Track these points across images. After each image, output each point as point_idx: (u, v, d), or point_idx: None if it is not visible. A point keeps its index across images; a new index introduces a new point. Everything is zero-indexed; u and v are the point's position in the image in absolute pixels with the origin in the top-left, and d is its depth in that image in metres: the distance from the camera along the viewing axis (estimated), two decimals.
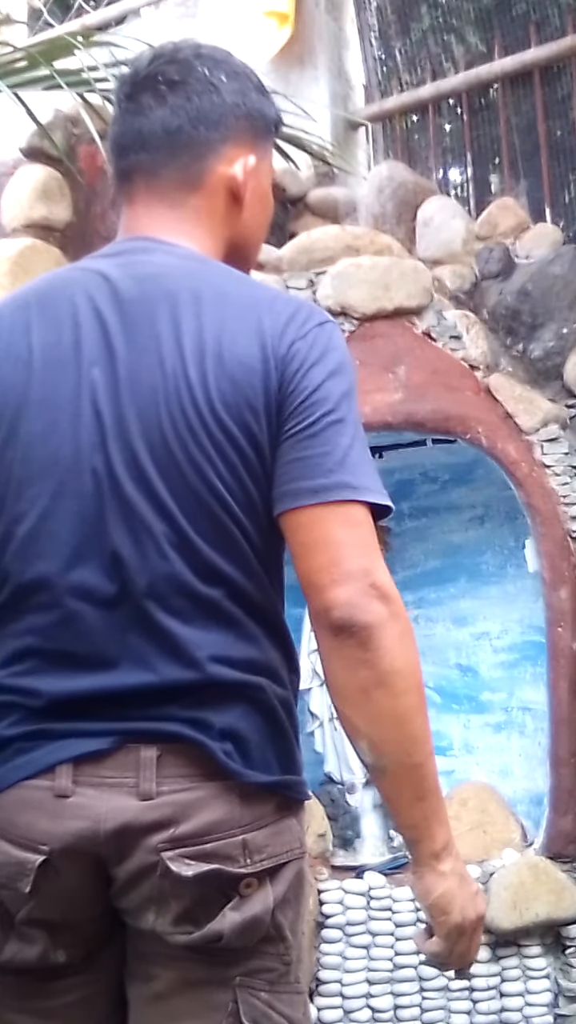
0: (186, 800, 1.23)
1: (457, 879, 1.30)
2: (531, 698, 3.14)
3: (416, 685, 1.25)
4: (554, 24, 3.82)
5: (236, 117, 1.42)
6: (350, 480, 1.25)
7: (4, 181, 2.88)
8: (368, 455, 1.30)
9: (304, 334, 1.29)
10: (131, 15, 4.31)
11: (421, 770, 1.27)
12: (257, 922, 1.25)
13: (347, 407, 1.29)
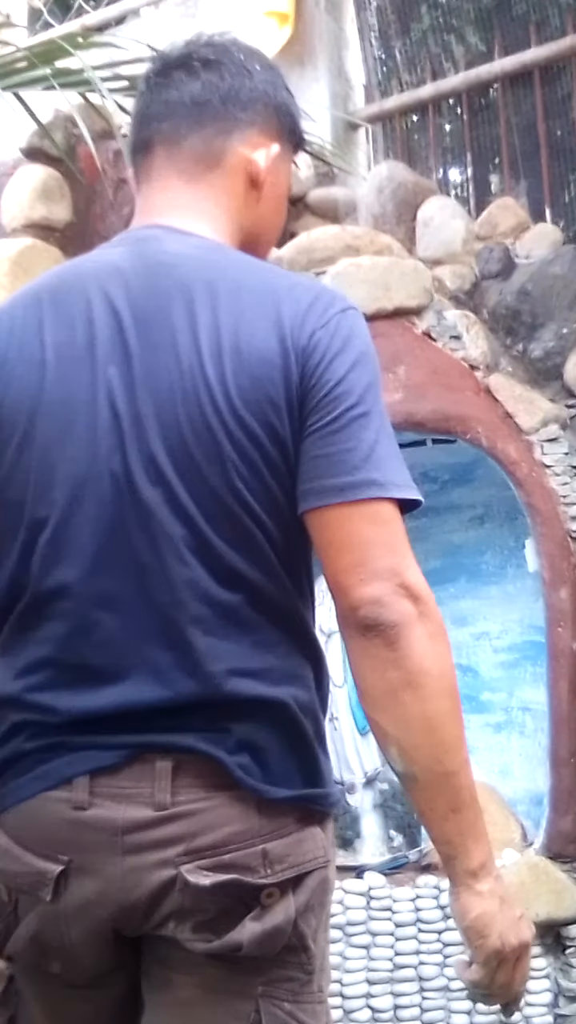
0: (202, 810, 1.21)
1: (497, 901, 1.23)
2: (531, 698, 3.14)
3: (448, 689, 1.20)
4: (554, 24, 3.82)
5: (266, 105, 1.41)
6: (376, 477, 1.22)
7: (4, 181, 2.88)
8: (395, 447, 1.26)
9: (326, 322, 1.25)
10: (131, 15, 4.31)
11: (454, 780, 1.21)
12: (278, 932, 1.23)
13: (372, 398, 1.25)
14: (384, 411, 1.27)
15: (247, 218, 1.40)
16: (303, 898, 1.24)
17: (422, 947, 2.71)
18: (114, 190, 2.92)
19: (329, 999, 1.31)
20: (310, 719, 1.28)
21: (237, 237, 1.39)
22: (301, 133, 1.49)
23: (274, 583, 1.25)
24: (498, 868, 1.25)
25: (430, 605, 1.20)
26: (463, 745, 1.22)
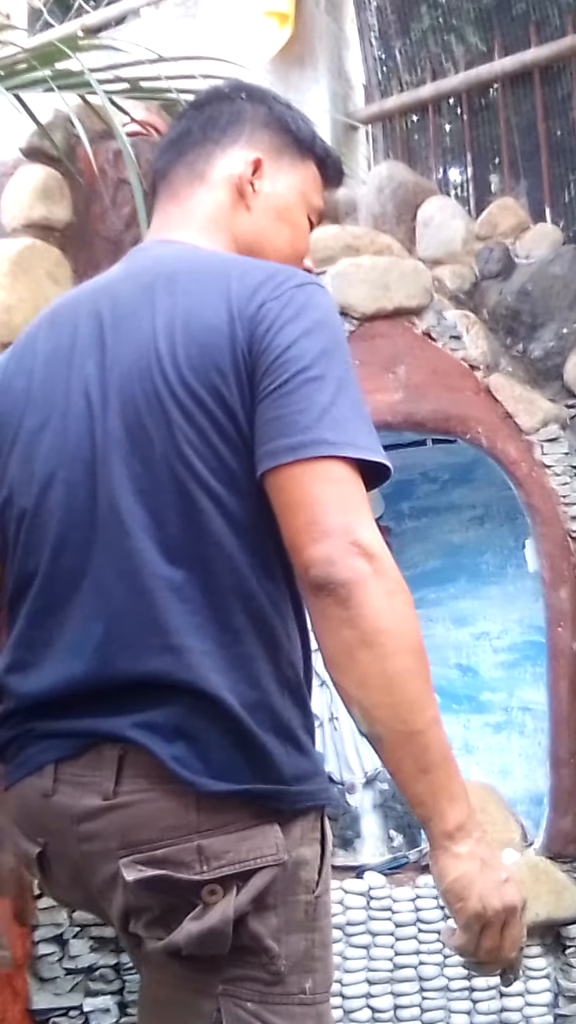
0: (141, 802, 1.21)
1: (477, 863, 1.18)
2: (531, 698, 3.13)
3: (408, 646, 1.16)
4: (554, 24, 3.82)
5: (250, 122, 1.49)
6: (329, 436, 1.20)
7: (4, 181, 2.87)
8: (359, 413, 1.24)
9: (278, 295, 1.26)
10: (131, 15, 4.31)
11: (420, 739, 1.17)
12: (215, 934, 1.19)
13: (326, 364, 1.23)
14: (347, 379, 1.25)
15: (239, 227, 1.45)
16: (246, 897, 1.20)
17: (422, 947, 2.71)
18: (114, 190, 2.92)
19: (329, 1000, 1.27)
20: (261, 713, 1.23)
21: (232, 246, 1.44)
22: (310, 140, 1.53)
23: (227, 561, 1.23)
24: (481, 829, 1.20)
25: (384, 562, 1.17)
26: (429, 703, 1.18)
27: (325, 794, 1.33)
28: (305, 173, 1.52)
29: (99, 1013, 2.56)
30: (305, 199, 1.51)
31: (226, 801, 1.20)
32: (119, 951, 2.58)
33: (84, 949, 2.56)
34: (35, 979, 2.54)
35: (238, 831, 1.20)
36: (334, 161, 1.56)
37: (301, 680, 1.31)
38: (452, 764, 1.20)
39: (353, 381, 1.25)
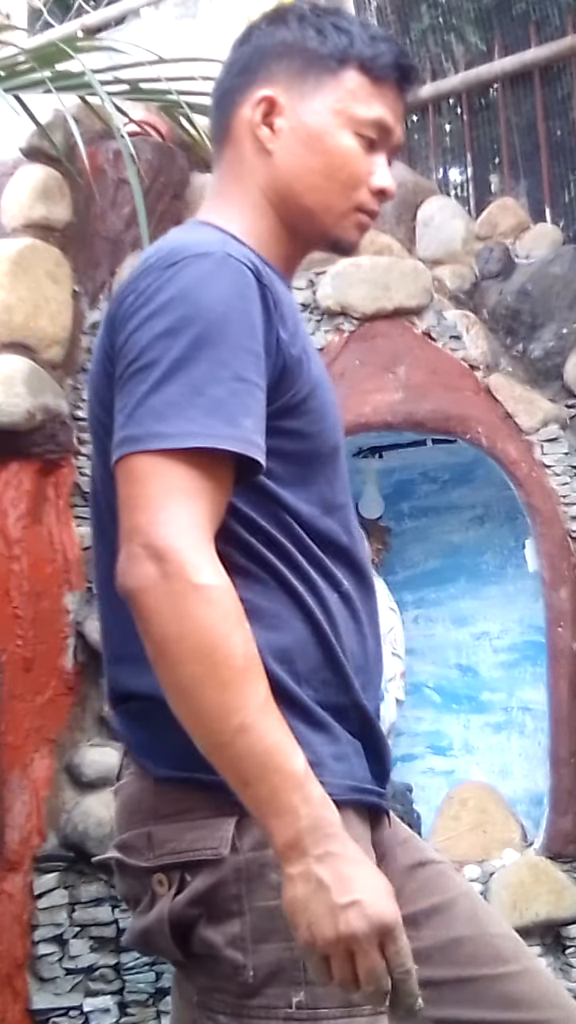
0: (124, 787, 1.25)
1: (311, 885, 1.02)
2: (531, 698, 3.13)
3: (196, 653, 1.04)
4: (554, 24, 3.82)
5: (263, 57, 1.31)
6: (133, 432, 1.09)
7: (4, 181, 2.88)
8: (192, 392, 1.10)
9: (136, 287, 1.16)
10: (131, 15, 4.30)
11: (229, 751, 1.04)
12: (151, 933, 1.14)
13: (160, 348, 1.11)
14: (190, 358, 1.10)
15: (262, 178, 1.29)
16: (184, 899, 1.13)
17: None
18: (114, 190, 2.92)
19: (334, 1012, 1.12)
20: None
21: (260, 202, 1.30)
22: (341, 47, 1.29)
23: None
24: (335, 841, 1.04)
25: (175, 562, 1.05)
26: (230, 711, 1.03)
27: (333, 789, 1.17)
28: (339, 87, 1.28)
29: (99, 1013, 2.56)
30: (346, 116, 1.28)
31: (182, 789, 1.15)
32: (119, 951, 2.58)
33: (84, 949, 2.57)
34: (35, 979, 2.54)
35: (189, 821, 1.15)
36: (383, 55, 1.29)
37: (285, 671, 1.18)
38: (278, 773, 1.03)
39: (204, 357, 1.10)
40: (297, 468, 1.21)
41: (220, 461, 1.10)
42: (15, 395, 2.57)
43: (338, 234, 1.31)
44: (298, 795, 1.03)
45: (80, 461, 2.79)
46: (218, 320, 1.12)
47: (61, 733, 2.66)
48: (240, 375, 1.11)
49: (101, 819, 2.55)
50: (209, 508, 1.09)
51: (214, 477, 1.10)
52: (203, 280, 1.14)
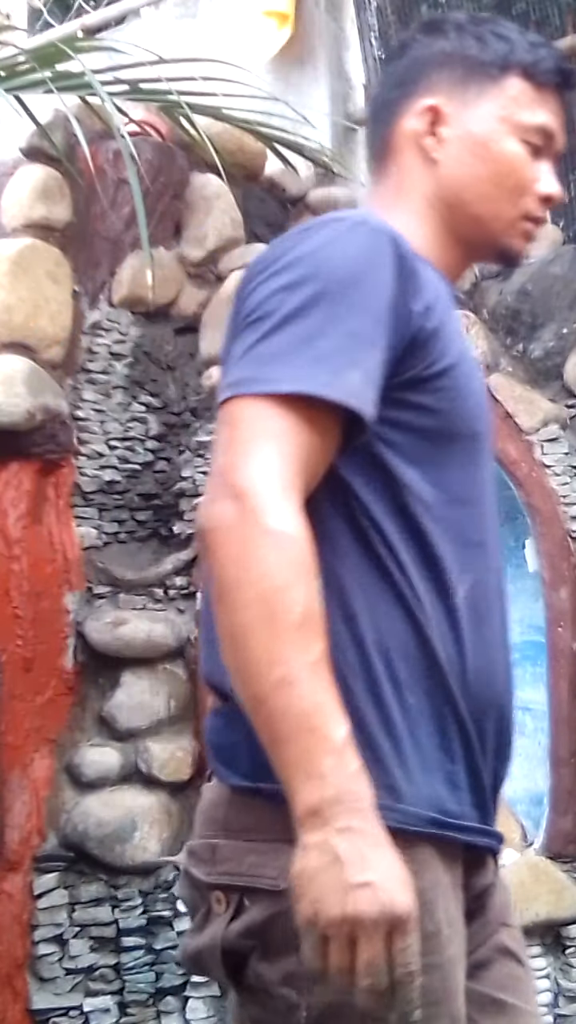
0: (205, 793, 1.21)
1: (327, 858, 0.95)
2: (531, 698, 3.13)
3: (259, 596, 0.98)
4: (554, 24, 3.82)
5: (427, 69, 1.30)
6: (233, 377, 1.08)
7: (4, 181, 2.88)
8: (302, 342, 1.06)
9: (266, 255, 1.16)
10: (131, 15, 4.30)
11: (265, 707, 0.98)
12: (203, 955, 1.10)
13: (275, 302, 1.09)
14: (306, 311, 1.07)
15: (429, 188, 1.28)
16: (238, 927, 1.07)
17: None
18: (114, 190, 2.92)
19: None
20: None
21: (426, 210, 1.28)
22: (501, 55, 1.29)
23: None
24: (359, 816, 0.97)
25: (251, 504, 1.00)
26: (275, 663, 0.98)
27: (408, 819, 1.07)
28: (502, 94, 1.27)
29: (99, 1013, 2.55)
30: (511, 123, 1.27)
31: (250, 803, 1.10)
32: (119, 951, 2.58)
33: (84, 949, 2.57)
34: (35, 979, 2.54)
35: (252, 841, 1.09)
36: (545, 60, 1.29)
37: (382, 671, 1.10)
38: (312, 735, 0.97)
39: (320, 312, 1.07)
40: (426, 446, 1.15)
41: (321, 412, 1.05)
42: (15, 395, 2.57)
43: (505, 242, 1.30)
44: (330, 761, 0.97)
45: (80, 461, 2.79)
46: (341, 279, 1.09)
47: (61, 733, 2.66)
48: (355, 332, 1.07)
49: (101, 819, 2.56)
50: (302, 457, 1.04)
51: (313, 427, 1.05)
52: (332, 241, 1.13)
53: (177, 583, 2.76)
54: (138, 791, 2.61)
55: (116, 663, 2.69)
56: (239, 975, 1.10)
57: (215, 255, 3.07)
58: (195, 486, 2.81)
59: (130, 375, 2.93)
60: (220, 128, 3.06)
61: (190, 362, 3.02)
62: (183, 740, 2.68)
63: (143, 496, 2.90)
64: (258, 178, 3.39)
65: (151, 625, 2.69)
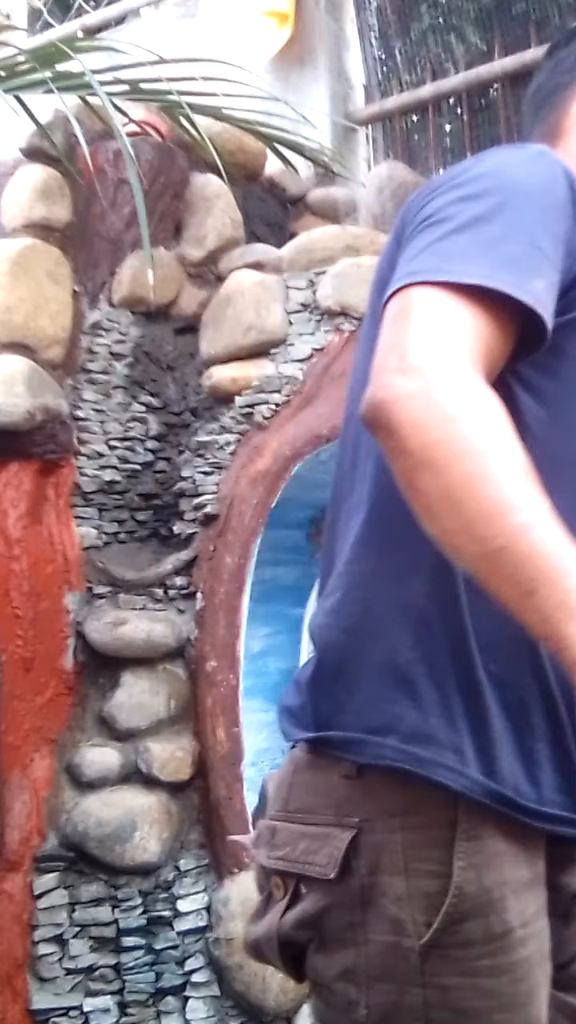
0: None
1: None
2: None
3: (474, 451, 0.90)
4: (554, 24, 3.81)
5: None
6: (411, 268, 1.00)
7: (4, 181, 2.88)
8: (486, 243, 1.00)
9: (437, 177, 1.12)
10: (131, 15, 4.31)
11: (509, 555, 0.89)
12: (260, 945, 1.07)
13: (457, 207, 1.03)
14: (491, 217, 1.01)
15: None
16: (292, 918, 1.03)
17: None
18: (114, 190, 2.92)
19: None
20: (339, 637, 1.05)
21: None
22: None
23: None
24: None
25: (432, 374, 0.92)
26: (510, 509, 0.89)
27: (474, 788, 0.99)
28: None
29: (99, 1013, 2.56)
30: None
31: (311, 772, 1.05)
32: (119, 951, 2.58)
33: (84, 949, 2.57)
34: (35, 979, 2.54)
35: (308, 825, 1.04)
36: None
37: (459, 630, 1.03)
38: (568, 574, 0.88)
39: (503, 219, 1.01)
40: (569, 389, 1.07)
41: (504, 313, 0.97)
42: (15, 395, 2.57)
43: None
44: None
45: (80, 461, 2.79)
46: (525, 193, 1.04)
47: (61, 733, 2.66)
48: (538, 244, 1.00)
49: (101, 819, 2.56)
50: (484, 346, 0.96)
51: (494, 325, 0.97)
52: (514, 163, 1.08)
53: (177, 583, 2.76)
54: (138, 791, 2.61)
55: (116, 663, 2.70)
56: (300, 968, 1.06)
57: (215, 255, 3.07)
58: (195, 486, 2.81)
59: (130, 375, 2.93)
60: (220, 128, 3.06)
61: (190, 362, 3.02)
62: (183, 740, 2.68)
63: (143, 496, 2.90)
64: (258, 178, 3.40)
65: (151, 625, 2.69)
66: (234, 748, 2.66)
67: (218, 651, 2.68)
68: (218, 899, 2.62)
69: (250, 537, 2.71)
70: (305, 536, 3.11)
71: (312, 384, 2.83)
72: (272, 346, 2.88)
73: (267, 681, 3.04)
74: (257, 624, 2.85)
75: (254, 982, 2.58)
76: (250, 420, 2.80)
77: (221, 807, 2.63)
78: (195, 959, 2.62)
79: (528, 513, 0.89)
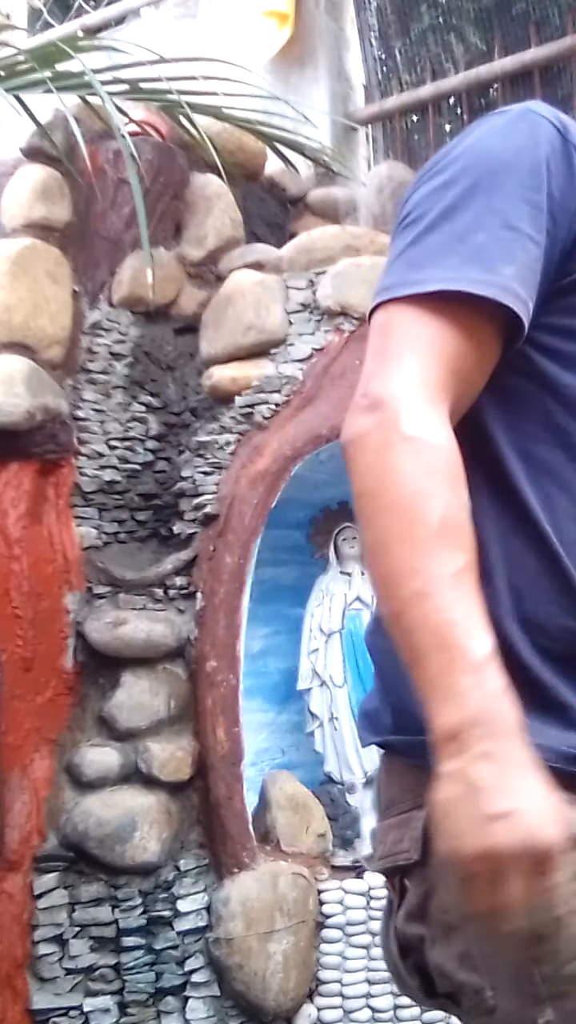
0: None
1: (463, 787, 0.83)
2: None
3: (394, 508, 0.91)
4: (554, 24, 3.81)
5: None
6: (384, 282, 1.01)
7: (4, 181, 2.88)
8: (453, 239, 0.99)
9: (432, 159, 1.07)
10: (131, 15, 4.31)
11: (402, 620, 0.90)
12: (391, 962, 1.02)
13: (429, 202, 1.02)
14: (460, 205, 1.00)
15: None
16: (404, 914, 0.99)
17: None
18: (114, 190, 2.92)
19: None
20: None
21: None
22: None
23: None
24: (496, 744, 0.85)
25: (390, 411, 0.94)
26: (413, 576, 0.89)
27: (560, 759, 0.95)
28: None
29: (99, 1013, 2.55)
30: None
31: (393, 766, 1.04)
32: (119, 951, 2.58)
33: (84, 949, 2.56)
34: (35, 979, 2.54)
35: (392, 816, 1.02)
36: None
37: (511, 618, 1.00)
38: (450, 652, 0.87)
39: (474, 205, 1.00)
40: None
41: (475, 312, 0.96)
42: (15, 395, 2.57)
43: None
44: (470, 679, 0.86)
45: (80, 461, 2.79)
46: (498, 168, 1.01)
47: (61, 733, 2.66)
48: (511, 224, 0.98)
49: (101, 819, 2.56)
50: (451, 363, 0.96)
51: (465, 329, 0.97)
52: (491, 133, 1.04)
53: (177, 583, 2.76)
54: (138, 791, 2.61)
55: (116, 663, 2.69)
56: (430, 984, 1.00)
57: (215, 255, 3.07)
58: (195, 486, 2.81)
59: (130, 375, 2.93)
60: (220, 128, 3.06)
61: (190, 362, 3.02)
62: (183, 740, 2.68)
63: (143, 496, 2.90)
64: (258, 178, 3.40)
65: (151, 625, 2.69)
66: (234, 748, 2.66)
67: (218, 651, 2.68)
68: (218, 899, 2.62)
69: (250, 537, 2.71)
70: (305, 536, 3.11)
71: (312, 384, 2.83)
72: (272, 346, 2.88)
73: (267, 681, 3.04)
74: (257, 624, 2.85)
75: (254, 982, 2.58)
76: (250, 420, 2.80)
77: (221, 807, 2.63)
78: (195, 959, 2.62)
79: (425, 579, 0.89)
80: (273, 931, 2.60)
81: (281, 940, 2.61)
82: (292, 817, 2.78)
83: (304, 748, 3.02)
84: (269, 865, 2.65)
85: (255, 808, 2.77)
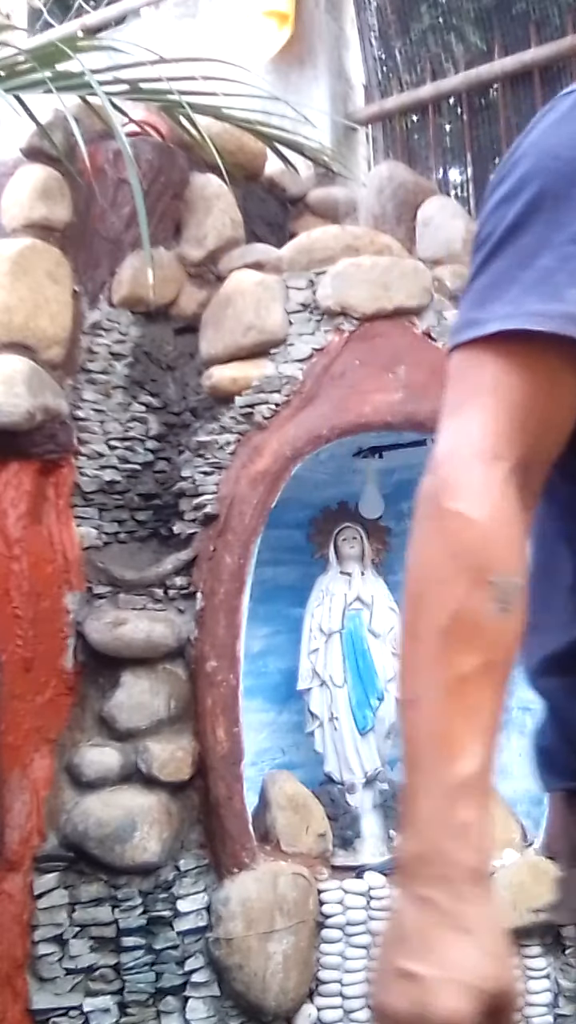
0: None
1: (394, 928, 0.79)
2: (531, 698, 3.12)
3: (412, 592, 0.86)
4: (554, 24, 3.82)
5: None
6: (455, 322, 0.95)
7: (4, 181, 2.88)
8: (516, 266, 0.90)
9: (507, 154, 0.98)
10: (131, 15, 4.31)
11: (400, 721, 0.85)
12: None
13: (495, 219, 0.93)
14: (516, 229, 0.91)
15: None
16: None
17: None
18: (114, 190, 2.92)
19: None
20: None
21: None
22: None
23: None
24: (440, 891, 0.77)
25: (439, 478, 0.88)
26: (415, 677, 0.84)
27: None
28: None
29: (99, 1013, 2.55)
30: None
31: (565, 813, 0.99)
32: (119, 951, 2.58)
33: (84, 949, 2.56)
34: (35, 979, 2.54)
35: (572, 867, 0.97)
36: None
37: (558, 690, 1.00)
38: (421, 773, 0.82)
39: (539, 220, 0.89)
40: None
41: (542, 349, 0.86)
42: (15, 395, 2.57)
43: None
44: (435, 807, 0.79)
45: (80, 461, 2.79)
46: (562, 168, 0.90)
47: (61, 733, 2.66)
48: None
49: (101, 819, 2.56)
50: (517, 409, 0.87)
51: (530, 370, 0.87)
52: (555, 124, 0.93)
53: (177, 583, 2.76)
54: (138, 791, 2.61)
55: (116, 663, 2.69)
56: None
57: (215, 255, 3.07)
58: (195, 486, 2.81)
59: (130, 375, 2.93)
60: (220, 128, 3.06)
61: (190, 362, 3.02)
62: (183, 740, 2.68)
63: (143, 496, 2.90)
64: (258, 178, 3.40)
65: (151, 625, 2.69)
66: (234, 748, 2.66)
67: (218, 651, 2.68)
68: (218, 899, 2.62)
69: (250, 537, 2.71)
70: (305, 536, 3.11)
71: (312, 384, 2.83)
72: (272, 346, 2.89)
73: (267, 681, 3.04)
74: (257, 624, 2.85)
75: (254, 982, 2.58)
76: (250, 420, 2.80)
77: (221, 807, 2.63)
78: (195, 959, 2.62)
79: (420, 686, 0.83)
80: (273, 931, 2.60)
81: (281, 940, 2.61)
82: (292, 817, 2.78)
83: (304, 748, 3.02)
84: (269, 865, 2.65)
85: (255, 808, 2.77)
